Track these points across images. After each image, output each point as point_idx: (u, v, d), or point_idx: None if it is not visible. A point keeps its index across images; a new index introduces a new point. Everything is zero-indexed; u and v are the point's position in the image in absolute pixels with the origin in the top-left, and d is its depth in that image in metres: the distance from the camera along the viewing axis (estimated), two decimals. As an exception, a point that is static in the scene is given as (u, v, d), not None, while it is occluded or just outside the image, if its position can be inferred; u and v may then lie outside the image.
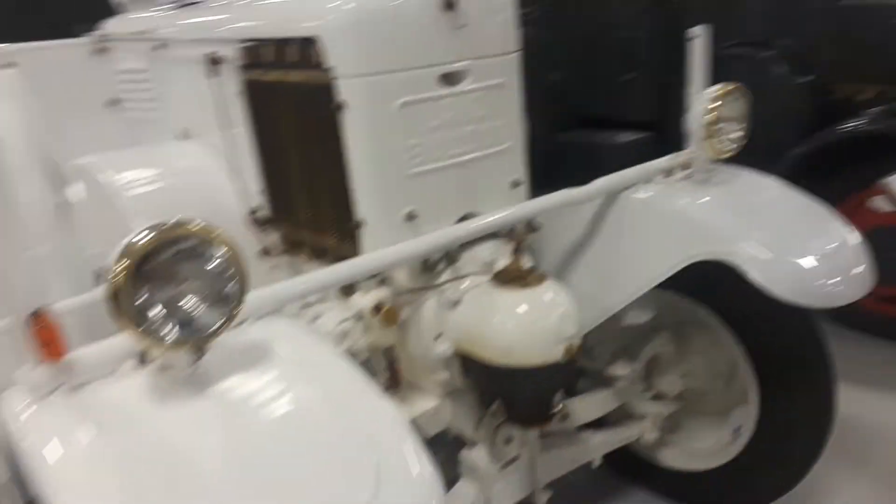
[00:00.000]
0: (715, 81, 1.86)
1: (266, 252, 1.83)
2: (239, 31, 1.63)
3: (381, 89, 1.41)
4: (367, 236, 1.52)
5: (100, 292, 1.02)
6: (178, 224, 1.02)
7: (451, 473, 1.75)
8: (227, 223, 1.51)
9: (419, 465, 1.04)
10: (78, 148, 2.31)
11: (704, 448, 2.18)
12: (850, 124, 2.92)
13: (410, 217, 1.52)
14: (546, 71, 4.08)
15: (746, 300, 1.88)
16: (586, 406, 2.00)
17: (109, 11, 2.57)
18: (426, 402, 1.69)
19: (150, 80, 2.11)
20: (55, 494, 0.93)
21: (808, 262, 1.64)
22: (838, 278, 1.64)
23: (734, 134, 1.86)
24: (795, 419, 1.95)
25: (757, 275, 1.61)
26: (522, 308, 1.48)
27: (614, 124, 3.83)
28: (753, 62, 3.35)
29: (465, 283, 1.58)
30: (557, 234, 1.87)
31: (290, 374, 1.14)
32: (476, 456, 1.73)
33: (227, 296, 1.04)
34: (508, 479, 1.76)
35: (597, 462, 2.04)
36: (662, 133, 3.59)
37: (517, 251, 1.54)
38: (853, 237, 1.74)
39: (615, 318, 2.12)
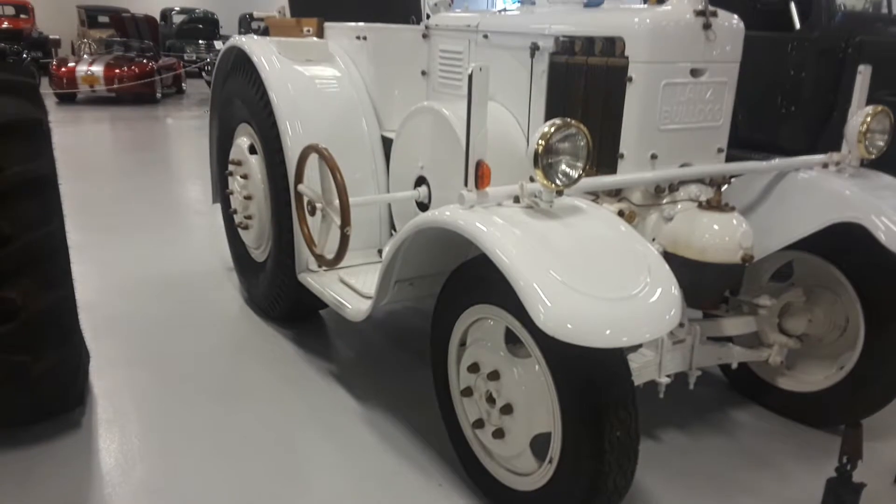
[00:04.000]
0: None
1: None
2: (558, 29, 2.57)
3: (656, 72, 2.29)
4: (623, 165, 2.41)
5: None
6: (565, 121, 1.96)
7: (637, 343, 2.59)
8: (514, 154, 2.39)
9: (672, 284, 1.90)
10: (396, 102, 3.34)
11: (814, 379, 2.91)
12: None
13: (653, 157, 2.39)
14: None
15: (870, 264, 2.64)
16: (734, 323, 2.79)
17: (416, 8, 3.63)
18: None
19: (463, 58, 3.08)
20: (491, 244, 1.87)
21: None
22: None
23: (879, 142, 2.63)
24: (889, 357, 2.65)
25: (881, 235, 2.37)
26: (716, 225, 2.32)
27: (764, 148, 4.51)
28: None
29: (679, 207, 2.43)
30: (739, 190, 2.70)
31: (598, 218, 2.05)
32: (657, 332, 2.56)
33: (581, 160, 1.96)
34: (675, 354, 2.57)
35: (734, 366, 2.84)
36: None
37: (717, 189, 2.39)
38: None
39: (760, 271, 2.91)
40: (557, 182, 1.96)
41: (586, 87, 2.49)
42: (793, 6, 4.46)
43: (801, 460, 2.69)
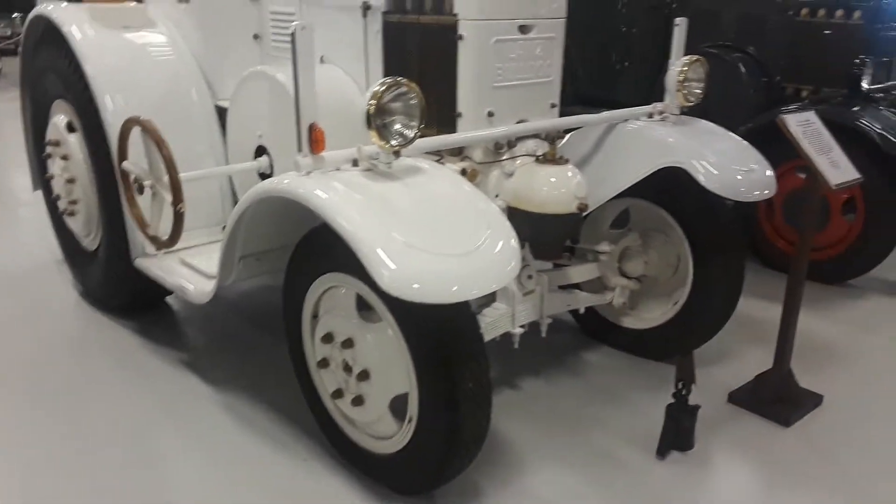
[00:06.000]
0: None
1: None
2: (387, -14, 2.52)
3: (485, 30, 2.31)
4: (461, 124, 2.42)
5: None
6: (396, 80, 1.92)
7: (491, 297, 2.65)
8: (354, 117, 2.38)
9: (511, 237, 1.93)
10: (229, 68, 3.14)
11: (653, 316, 3.12)
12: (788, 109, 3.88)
13: (490, 114, 2.42)
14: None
15: (694, 205, 2.84)
16: (579, 270, 2.93)
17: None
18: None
19: (295, 20, 2.94)
20: (332, 211, 1.82)
21: (733, 172, 2.59)
22: (751, 183, 2.59)
23: (696, 90, 2.81)
24: (715, 289, 2.89)
25: (700, 177, 2.56)
26: (553, 178, 2.40)
27: (604, 103, 4.72)
28: (724, 61, 4.32)
29: (518, 162, 2.48)
30: (575, 143, 2.81)
31: (438, 177, 2.05)
32: (509, 285, 2.61)
33: (416, 119, 1.94)
34: (527, 304, 2.66)
35: (582, 311, 2.98)
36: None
37: (552, 143, 2.46)
38: (763, 162, 2.69)
39: (600, 220, 3.06)
40: (393, 143, 1.94)
41: (420, 46, 2.47)
42: (620, -37, 4.65)
43: (646, 391, 2.88)
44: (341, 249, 1.86)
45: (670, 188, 2.85)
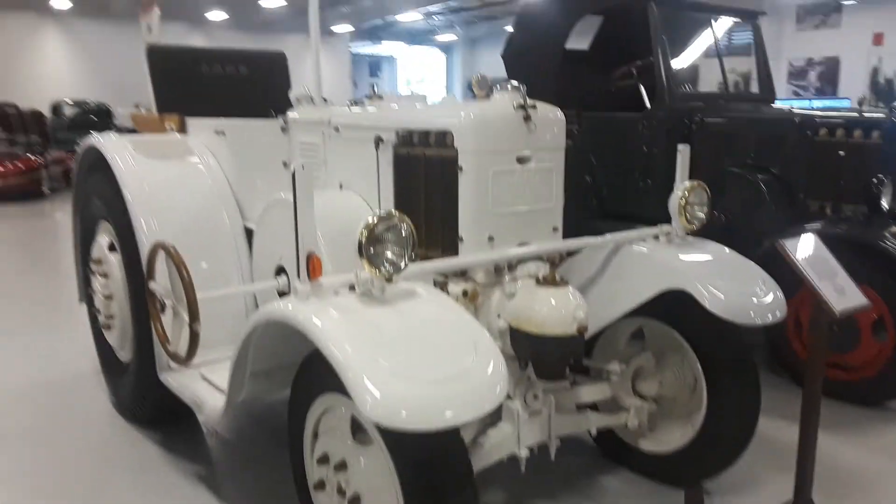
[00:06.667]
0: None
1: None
2: (398, 123, 2.72)
3: (484, 162, 2.45)
4: (463, 248, 2.52)
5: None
6: (388, 213, 2.05)
7: (495, 417, 2.65)
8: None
9: (499, 360, 1.98)
10: (259, 193, 3.38)
11: (672, 439, 3.04)
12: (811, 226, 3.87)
13: (490, 238, 2.52)
14: (581, 174, 5.13)
15: (702, 327, 2.83)
16: (589, 390, 2.90)
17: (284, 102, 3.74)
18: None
19: (319, 149, 3.19)
20: (324, 338, 1.91)
21: (740, 295, 2.59)
22: (759, 307, 2.58)
23: (699, 214, 2.86)
24: (730, 413, 2.81)
25: (705, 301, 2.56)
26: (553, 300, 2.45)
27: (627, 217, 4.79)
28: (747, 180, 4.39)
29: (519, 283, 2.55)
30: (581, 264, 2.87)
31: (429, 301, 2.13)
32: (513, 405, 2.62)
33: (407, 249, 2.05)
34: (533, 425, 2.64)
35: (593, 432, 2.94)
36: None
37: (553, 267, 2.53)
38: (772, 284, 2.68)
39: (614, 339, 3.07)
40: (384, 271, 2.04)
41: (425, 175, 2.63)
42: (642, 88, 4.85)
43: (662, 520, 2.78)
44: (336, 371, 1.93)
45: (679, 309, 2.85)
